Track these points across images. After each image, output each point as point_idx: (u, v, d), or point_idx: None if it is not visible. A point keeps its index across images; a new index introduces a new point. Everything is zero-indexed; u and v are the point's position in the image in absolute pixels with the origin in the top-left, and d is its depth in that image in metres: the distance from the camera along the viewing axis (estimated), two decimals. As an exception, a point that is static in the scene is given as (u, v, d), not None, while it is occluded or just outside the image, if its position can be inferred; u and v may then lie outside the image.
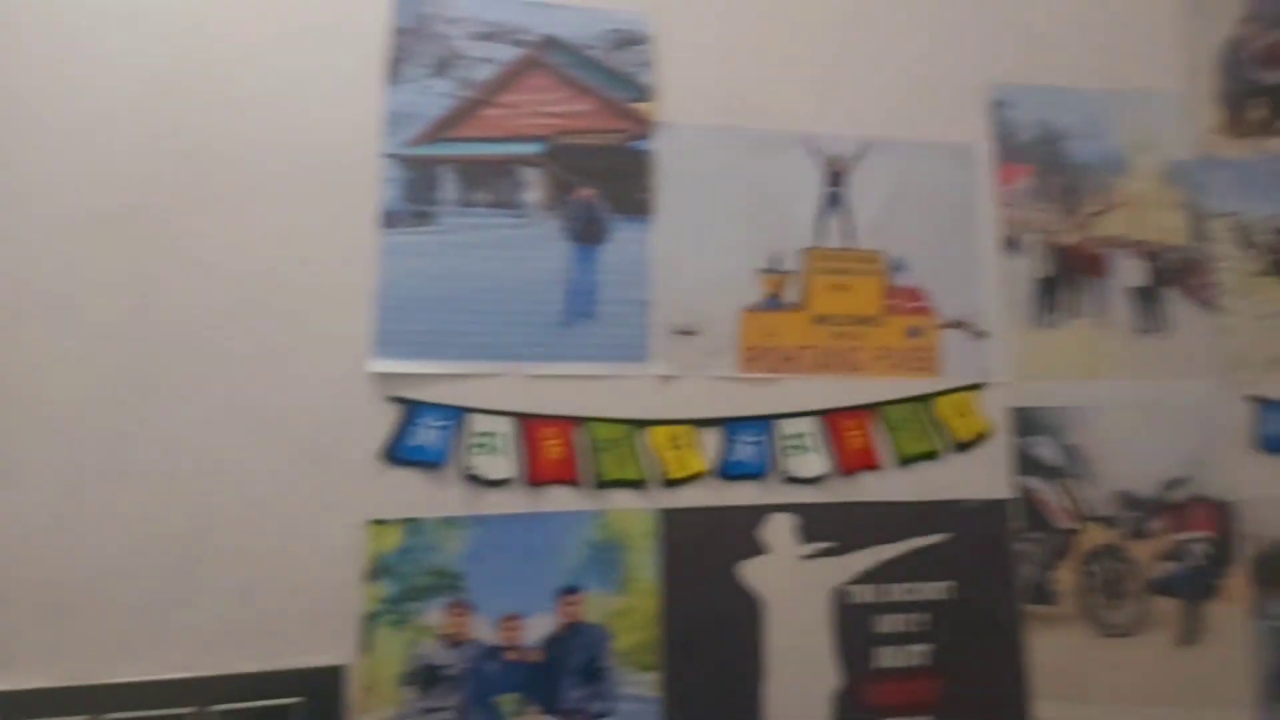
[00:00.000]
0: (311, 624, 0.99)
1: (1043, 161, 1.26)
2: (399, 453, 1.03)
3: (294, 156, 1.05)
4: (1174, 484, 1.23)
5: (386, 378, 1.04)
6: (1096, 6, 1.31)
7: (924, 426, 1.16)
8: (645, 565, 1.06)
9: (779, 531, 1.11)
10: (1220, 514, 1.23)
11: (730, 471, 1.10)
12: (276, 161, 1.04)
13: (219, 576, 0.98)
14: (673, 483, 1.09)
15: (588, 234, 1.11)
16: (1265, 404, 1.26)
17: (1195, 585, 1.21)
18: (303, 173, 1.05)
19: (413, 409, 1.03)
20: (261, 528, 0.99)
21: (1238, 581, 1.22)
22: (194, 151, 1.02)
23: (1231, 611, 1.21)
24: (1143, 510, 1.21)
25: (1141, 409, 1.23)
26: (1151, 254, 1.27)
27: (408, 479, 1.03)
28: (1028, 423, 1.19)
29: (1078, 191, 1.26)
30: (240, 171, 1.03)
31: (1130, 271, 1.26)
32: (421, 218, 1.07)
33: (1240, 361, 1.27)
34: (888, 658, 1.11)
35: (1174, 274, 1.27)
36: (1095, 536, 1.19)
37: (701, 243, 1.14)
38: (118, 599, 0.95)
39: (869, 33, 1.24)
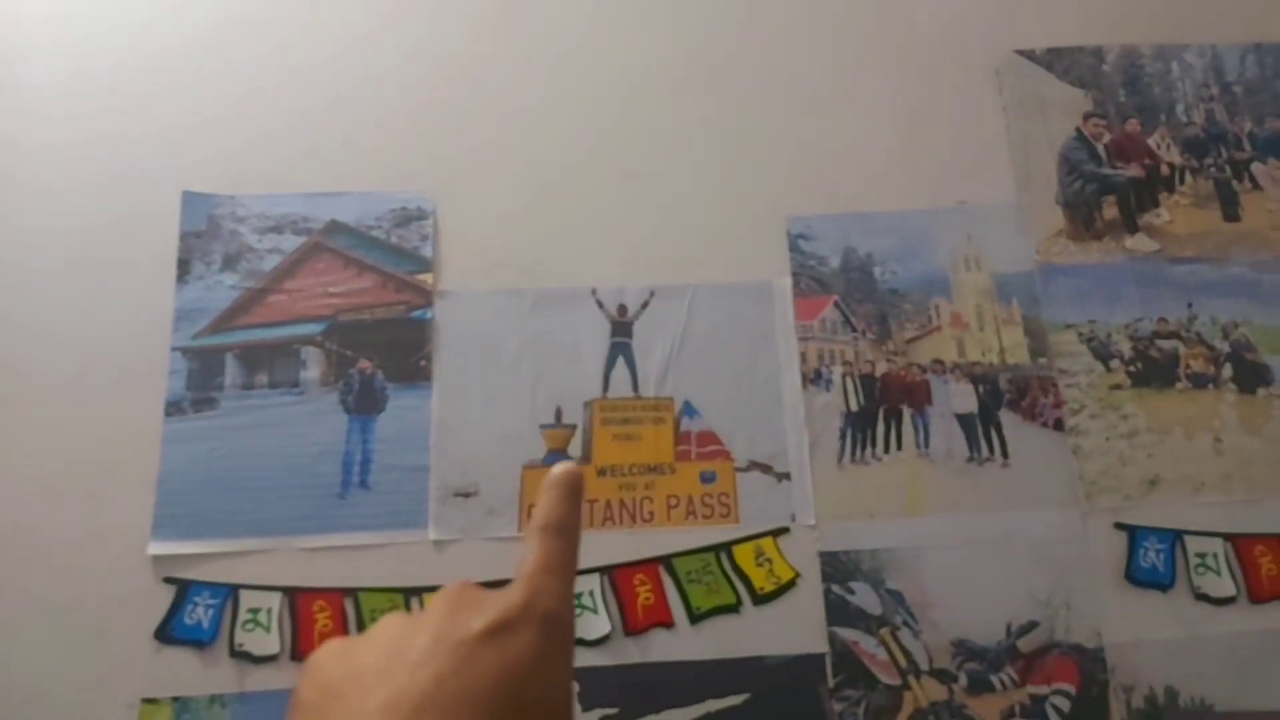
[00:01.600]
0: (87, 805, 1.18)
1: (849, 290, 1.38)
2: (172, 631, 1.22)
3: (91, 357, 1.31)
4: (1024, 630, 1.26)
5: (164, 559, 1.24)
6: (906, 125, 1.45)
7: (719, 578, 1.26)
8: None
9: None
10: (1084, 662, 1.25)
11: (512, 636, 1.24)
12: (74, 363, 1.30)
13: (5, 758, 1.19)
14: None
15: (364, 405, 1.31)
16: (1136, 531, 1.30)
17: (1058, 745, 1.22)
18: (99, 372, 1.30)
19: (186, 588, 1.23)
20: (45, 706, 1.19)
21: (1113, 740, 1.23)
22: (2, 361, 1.31)
23: (1108, 776, 1.21)
24: (985, 661, 1.25)
25: (977, 547, 1.28)
26: (983, 376, 1.35)
27: (180, 657, 1.21)
28: (841, 568, 1.27)
29: (890, 318, 1.38)
30: (42, 375, 1.30)
31: (957, 397, 1.35)
32: (204, 404, 1.30)
33: (1101, 486, 1.31)
34: (680, 834, 1.18)
35: (1011, 396, 1.35)
36: (928, 692, 1.24)
37: (481, 404, 1.32)
38: (-92, 783, 1.17)
39: (654, 179, 1.42)
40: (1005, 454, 1.32)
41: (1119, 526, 1.30)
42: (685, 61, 1.49)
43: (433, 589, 1.25)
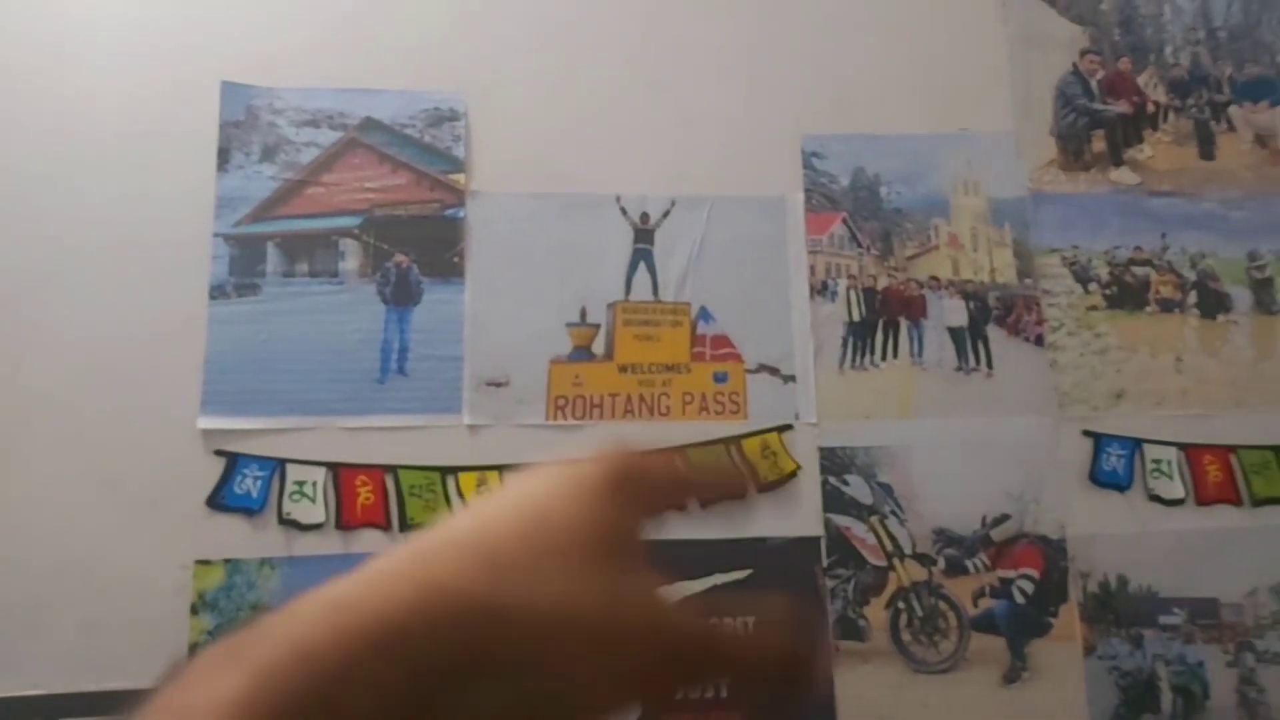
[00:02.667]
0: (146, 651, 1.28)
1: (856, 208, 1.51)
2: (223, 500, 1.33)
3: (138, 242, 1.38)
4: (997, 521, 1.43)
5: (214, 433, 1.34)
6: (917, 52, 1.56)
7: (729, 467, 1.41)
8: (453, 602, 1.34)
9: (584, 570, 1.36)
10: (1048, 551, 1.43)
11: (538, 514, 1.37)
12: (122, 248, 1.38)
13: (69, 609, 1.29)
14: (481, 525, 1.36)
15: (401, 297, 1.41)
16: (1101, 438, 1.47)
17: (1020, 623, 1.41)
18: (145, 256, 1.38)
19: (236, 461, 1.34)
20: (105, 568, 1.30)
21: (1069, 619, 1.41)
22: (53, 245, 1.37)
23: (1062, 650, 1.40)
24: (962, 547, 1.42)
25: (960, 447, 1.44)
26: (973, 293, 1.50)
27: (231, 524, 1.33)
28: (838, 462, 1.42)
29: (893, 235, 1.51)
30: (91, 259, 1.37)
31: (950, 311, 1.49)
32: (247, 289, 1.39)
33: (1073, 397, 1.47)
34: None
35: (998, 312, 1.49)
36: (910, 573, 1.41)
37: (511, 301, 1.43)
38: (-23, 631, 1.28)
39: (679, 93, 1.51)
40: (990, 365, 1.47)
41: (1086, 433, 1.46)
42: (711, -22, 1.57)
43: (468, 469, 1.37)
